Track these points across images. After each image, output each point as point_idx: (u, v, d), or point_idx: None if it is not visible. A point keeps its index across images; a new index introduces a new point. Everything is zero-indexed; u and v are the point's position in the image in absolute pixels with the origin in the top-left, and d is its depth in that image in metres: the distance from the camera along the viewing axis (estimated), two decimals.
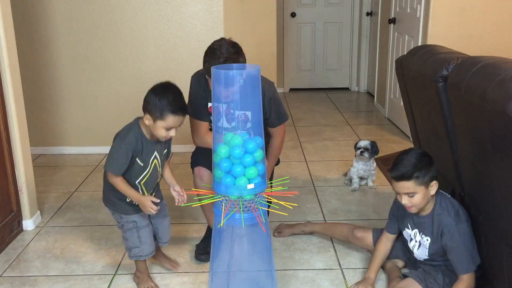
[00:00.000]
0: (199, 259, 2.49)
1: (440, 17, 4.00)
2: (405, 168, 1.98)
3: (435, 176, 2.02)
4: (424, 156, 2.03)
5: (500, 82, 1.66)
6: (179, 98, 2.05)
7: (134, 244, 2.18)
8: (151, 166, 2.12)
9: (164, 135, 2.02)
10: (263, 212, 1.86)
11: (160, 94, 2.00)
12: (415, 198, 2.00)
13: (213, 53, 2.20)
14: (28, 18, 3.85)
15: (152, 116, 1.99)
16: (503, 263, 1.90)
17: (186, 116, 2.09)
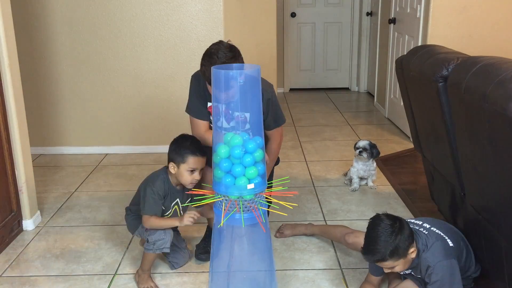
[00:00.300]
0: (199, 259, 2.49)
1: (440, 17, 4.00)
2: (378, 253, 1.90)
3: (412, 239, 1.94)
4: (393, 228, 1.90)
5: (500, 82, 1.66)
6: (196, 143, 2.28)
7: (159, 237, 2.27)
8: (172, 210, 2.35)
9: (190, 179, 2.23)
10: (263, 212, 1.86)
11: (180, 142, 2.27)
12: (396, 268, 1.97)
13: (210, 57, 2.20)
14: (28, 18, 3.85)
15: (176, 162, 2.23)
16: (503, 263, 1.90)
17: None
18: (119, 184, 3.52)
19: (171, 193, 2.31)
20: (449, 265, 1.96)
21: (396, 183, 3.44)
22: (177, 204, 2.36)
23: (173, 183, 2.30)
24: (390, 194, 3.29)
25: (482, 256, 2.10)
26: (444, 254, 1.97)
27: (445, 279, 1.95)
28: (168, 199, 2.30)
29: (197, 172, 2.24)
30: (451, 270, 1.96)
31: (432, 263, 1.95)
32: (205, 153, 2.24)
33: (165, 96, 4.04)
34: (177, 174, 2.25)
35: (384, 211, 2.06)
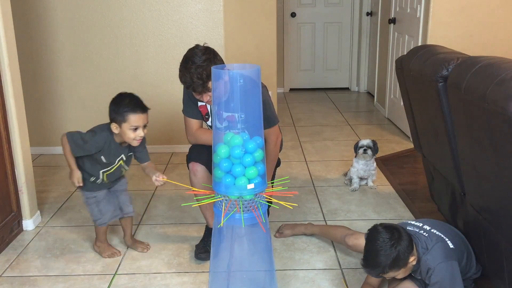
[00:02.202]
0: (199, 258, 2.49)
1: (440, 17, 4.00)
2: (378, 267, 1.90)
3: (411, 250, 1.92)
4: (392, 241, 1.88)
5: (500, 82, 1.66)
6: (135, 99, 2.27)
7: (97, 216, 2.49)
8: (116, 164, 2.40)
9: (133, 136, 2.25)
10: (263, 212, 1.86)
11: (118, 101, 2.26)
12: (397, 277, 1.98)
13: (186, 63, 2.24)
14: (28, 18, 3.86)
15: (117, 122, 2.24)
16: (503, 263, 1.90)
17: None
18: None
19: (114, 149, 2.34)
20: (450, 266, 1.95)
21: (396, 183, 3.44)
22: (122, 159, 2.40)
23: (117, 140, 2.32)
24: (390, 194, 3.29)
25: (482, 256, 2.10)
26: (444, 256, 1.97)
27: (446, 281, 1.94)
28: (111, 154, 2.34)
29: (140, 129, 2.25)
30: (451, 271, 1.95)
31: (433, 265, 1.95)
32: (145, 108, 2.26)
33: (165, 96, 4.04)
34: (120, 133, 2.26)
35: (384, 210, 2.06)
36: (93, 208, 2.48)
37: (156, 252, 2.60)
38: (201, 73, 2.20)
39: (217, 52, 2.32)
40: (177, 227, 2.87)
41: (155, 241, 2.71)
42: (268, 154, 2.51)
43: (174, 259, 2.53)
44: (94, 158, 2.33)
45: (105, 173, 2.40)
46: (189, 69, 2.21)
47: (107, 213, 2.49)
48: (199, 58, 2.22)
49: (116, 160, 2.38)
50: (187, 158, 2.53)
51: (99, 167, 2.37)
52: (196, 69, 2.20)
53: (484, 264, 2.11)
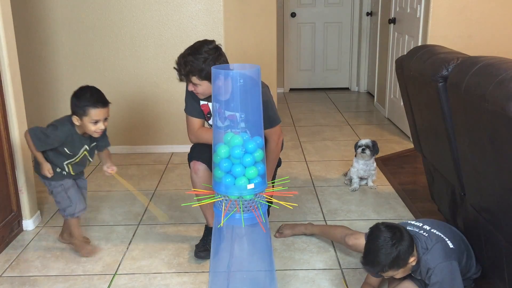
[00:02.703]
0: (198, 256, 2.49)
1: (440, 17, 4.00)
2: (378, 265, 1.90)
3: (412, 251, 1.92)
4: (393, 240, 1.88)
5: (500, 82, 1.66)
6: (97, 93, 2.36)
7: (66, 204, 2.48)
8: (80, 155, 2.45)
9: (94, 129, 2.33)
10: (263, 212, 1.86)
11: (79, 95, 2.33)
12: (396, 276, 1.99)
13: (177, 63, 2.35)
14: (28, 18, 3.85)
15: (78, 115, 2.30)
16: (503, 263, 1.90)
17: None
18: (119, 184, 3.51)
19: (77, 141, 2.39)
20: (449, 266, 1.95)
21: (396, 183, 3.44)
22: (85, 150, 2.45)
23: (80, 132, 2.38)
24: (390, 194, 3.29)
25: (482, 256, 2.10)
26: (444, 256, 1.97)
27: (446, 281, 1.94)
28: (74, 146, 2.39)
29: (101, 122, 2.33)
30: (451, 271, 1.95)
31: (432, 265, 1.95)
32: (106, 102, 2.33)
33: (165, 96, 4.04)
34: (82, 126, 2.33)
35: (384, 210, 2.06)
36: (62, 196, 2.48)
37: (156, 252, 2.60)
38: (181, 63, 2.31)
39: (223, 55, 2.36)
40: (177, 227, 2.87)
41: (155, 241, 2.71)
42: (269, 154, 2.51)
43: (174, 259, 2.53)
44: (58, 150, 2.38)
45: (69, 164, 2.44)
46: (178, 65, 2.33)
47: (77, 202, 2.50)
48: (183, 54, 2.32)
49: (79, 151, 2.42)
50: (189, 157, 2.53)
51: (64, 158, 2.41)
52: (185, 65, 2.29)
53: (484, 264, 2.11)
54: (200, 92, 2.37)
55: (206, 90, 2.35)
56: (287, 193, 2.05)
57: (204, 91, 2.36)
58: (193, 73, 2.30)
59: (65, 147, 2.37)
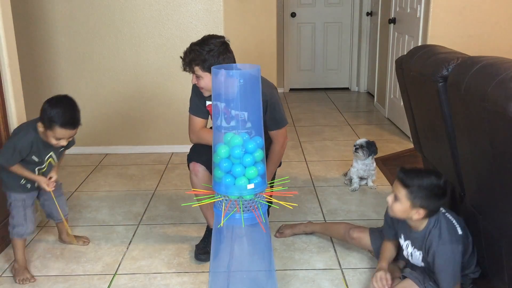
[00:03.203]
0: (199, 259, 2.49)
1: (440, 17, 4.00)
2: (411, 176, 1.95)
3: (429, 210, 1.96)
4: (437, 188, 1.94)
5: (500, 82, 1.66)
6: (70, 112, 2.21)
7: (20, 222, 2.34)
8: (46, 162, 2.35)
9: (54, 143, 2.22)
10: (263, 212, 1.86)
11: (53, 106, 2.19)
12: (396, 204, 1.99)
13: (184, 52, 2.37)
14: (28, 18, 3.85)
15: (44, 125, 2.19)
16: (503, 263, 1.90)
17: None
18: (119, 184, 3.52)
19: (43, 148, 2.29)
20: (455, 250, 1.97)
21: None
22: (51, 157, 2.36)
23: (43, 137, 2.26)
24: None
25: (482, 256, 2.10)
26: (450, 239, 1.98)
27: (448, 263, 1.96)
28: (41, 153, 2.29)
29: (64, 140, 2.23)
30: (454, 255, 1.97)
31: (438, 244, 1.97)
32: (76, 124, 2.24)
33: (165, 96, 4.04)
34: (43, 134, 2.23)
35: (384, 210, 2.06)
36: (18, 211, 2.34)
37: (156, 252, 2.60)
38: (186, 51, 2.31)
39: (229, 51, 2.35)
40: (177, 227, 2.87)
41: (155, 241, 2.72)
42: (273, 155, 2.51)
43: (174, 259, 2.53)
44: (26, 160, 2.27)
45: (39, 172, 2.35)
46: (184, 53, 2.33)
47: (30, 223, 2.37)
48: (200, 42, 2.31)
49: (45, 158, 2.33)
50: (188, 158, 2.53)
51: (33, 166, 2.31)
52: (190, 46, 2.31)
53: (484, 264, 2.11)
54: (203, 86, 2.35)
55: (208, 84, 2.33)
56: (287, 193, 2.05)
57: (206, 85, 2.33)
58: (195, 61, 2.28)
59: (33, 155, 2.27)
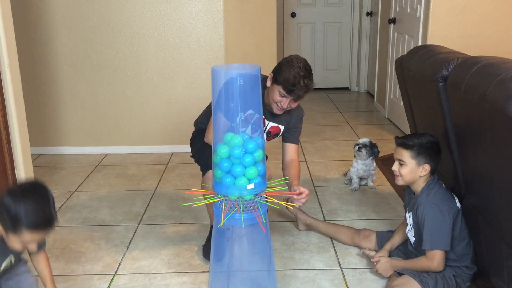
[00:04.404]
0: (208, 258, 2.47)
1: (440, 17, 4.00)
2: (410, 138, 2.12)
3: (432, 165, 2.11)
4: (434, 144, 2.12)
5: (500, 82, 1.66)
6: (43, 208, 1.62)
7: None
8: (3, 268, 1.79)
9: (20, 248, 1.67)
10: (263, 212, 1.86)
11: (17, 201, 1.57)
12: (403, 168, 2.12)
13: (291, 62, 2.33)
14: (28, 18, 3.85)
15: (3, 225, 1.61)
16: (502, 262, 1.90)
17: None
18: (119, 184, 3.52)
19: (1, 250, 1.74)
20: (438, 209, 2.04)
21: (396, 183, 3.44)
22: (10, 262, 1.83)
23: (5, 240, 1.70)
24: (390, 194, 3.29)
25: (482, 256, 2.10)
26: (441, 200, 2.07)
27: (432, 221, 2.03)
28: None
29: (34, 244, 1.67)
30: (439, 214, 2.04)
31: (423, 202, 2.07)
32: (51, 223, 1.65)
33: (165, 96, 4.04)
34: (4, 236, 1.66)
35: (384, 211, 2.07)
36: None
37: (156, 252, 2.60)
38: (301, 85, 2.26)
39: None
40: (177, 227, 2.88)
41: (155, 241, 2.72)
42: (297, 170, 2.53)
43: (174, 259, 2.53)
44: None
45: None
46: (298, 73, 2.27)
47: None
48: (309, 73, 2.30)
49: (2, 264, 1.77)
50: (205, 165, 2.45)
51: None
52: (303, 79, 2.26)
53: (484, 264, 2.11)
54: (285, 107, 2.37)
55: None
56: (287, 193, 2.05)
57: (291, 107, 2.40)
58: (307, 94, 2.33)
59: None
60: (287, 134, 2.60)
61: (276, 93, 2.32)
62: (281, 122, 2.53)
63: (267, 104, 2.40)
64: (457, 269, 2.12)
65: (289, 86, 2.26)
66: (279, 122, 2.52)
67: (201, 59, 3.97)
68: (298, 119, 2.60)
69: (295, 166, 2.53)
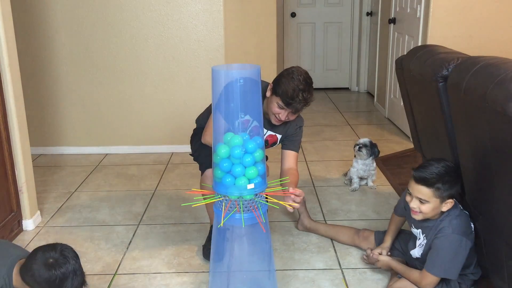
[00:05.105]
0: (208, 258, 2.47)
1: (440, 17, 4.00)
2: (431, 174, 1.94)
3: (454, 195, 2.00)
4: (454, 172, 1.99)
5: (500, 82, 1.66)
6: (81, 273, 1.77)
7: None
8: None
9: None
10: (263, 212, 1.86)
11: (52, 274, 1.67)
12: (425, 206, 1.99)
13: (290, 74, 2.27)
14: (28, 18, 3.85)
15: (28, 284, 1.70)
16: (503, 263, 1.90)
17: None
18: (119, 184, 3.52)
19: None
20: (461, 242, 1.96)
21: (396, 183, 3.44)
22: None
23: (17, 284, 1.77)
24: (390, 194, 3.29)
25: (482, 256, 2.10)
26: (462, 231, 1.98)
27: (449, 252, 1.96)
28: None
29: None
30: (459, 247, 1.96)
31: (447, 231, 1.97)
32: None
33: (165, 96, 4.04)
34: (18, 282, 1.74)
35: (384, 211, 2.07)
36: None
37: (156, 252, 2.60)
38: (299, 99, 2.26)
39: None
40: (177, 227, 2.87)
41: (155, 241, 2.72)
42: (295, 178, 2.49)
43: (174, 259, 2.53)
44: None
45: None
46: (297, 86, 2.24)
47: None
48: (309, 86, 2.29)
49: None
50: (204, 164, 2.46)
51: None
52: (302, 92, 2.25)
53: (484, 264, 2.11)
54: (283, 119, 2.36)
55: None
56: (287, 193, 2.05)
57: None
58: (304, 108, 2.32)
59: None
60: (286, 141, 2.56)
61: (275, 105, 2.31)
62: (279, 131, 2.52)
63: (266, 114, 2.39)
64: (462, 276, 2.11)
65: (288, 98, 2.25)
66: (276, 131, 2.51)
67: (201, 59, 3.97)
68: (297, 128, 2.56)
69: (292, 174, 2.46)
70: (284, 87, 2.24)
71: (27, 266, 1.72)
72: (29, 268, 1.70)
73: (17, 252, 1.86)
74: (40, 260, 1.70)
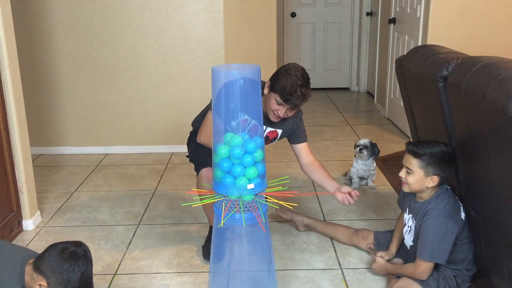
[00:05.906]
0: (208, 259, 2.47)
1: (440, 17, 3.99)
2: (421, 146, 2.05)
3: (441, 177, 2.04)
4: (447, 155, 2.04)
5: (500, 82, 1.66)
6: (89, 275, 1.77)
7: None
8: None
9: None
10: (263, 212, 1.86)
11: (65, 266, 1.68)
12: (410, 177, 2.08)
13: (288, 71, 2.27)
14: (28, 18, 3.85)
15: (46, 279, 1.69)
16: (502, 263, 1.90)
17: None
18: (119, 184, 3.52)
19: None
20: (447, 224, 2.00)
21: (396, 183, 3.44)
22: None
23: (29, 284, 1.76)
24: (390, 194, 3.29)
25: (482, 256, 2.10)
26: (448, 214, 2.02)
27: (437, 235, 1.99)
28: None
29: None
30: (446, 229, 2.00)
31: (434, 213, 2.01)
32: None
33: (165, 96, 4.04)
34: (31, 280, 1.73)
35: (384, 211, 2.07)
36: None
37: (156, 252, 2.60)
38: (298, 94, 2.25)
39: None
40: (177, 227, 2.87)
41: (155, 241, 2.72)
42: (321, 168, 2.53)
43: (174, 259, 2.53)
44: None
45: None
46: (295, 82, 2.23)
47: None
48: (306, 82, 2.27)
49: None
50: (199, 164, 2.47)
51: None
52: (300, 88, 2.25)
53: (484, 264, 2.11)
54: (282, 115, 2.37)
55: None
56: (287, 193, 2.05)
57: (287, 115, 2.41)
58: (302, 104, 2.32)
59: None
60: (292, 136, 2.58)
61: (273, 101, 2.31)
62: (278, 126, 2.52)
63: (264, 111, 2.39)
64: (457, 271, 2.12)
65: (286, 94, 2.25)
66: (276, 127, 2.52)
67: (201, 59, 3.97)
68: (297, 120, 2.58)
69: (319, 166, 2.53)
70: (282, 83, 2.25)
71: (44, 254, 1.75)
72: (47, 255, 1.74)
73: (22, 254, 1.86)
74: (60, 247, 1.75)
